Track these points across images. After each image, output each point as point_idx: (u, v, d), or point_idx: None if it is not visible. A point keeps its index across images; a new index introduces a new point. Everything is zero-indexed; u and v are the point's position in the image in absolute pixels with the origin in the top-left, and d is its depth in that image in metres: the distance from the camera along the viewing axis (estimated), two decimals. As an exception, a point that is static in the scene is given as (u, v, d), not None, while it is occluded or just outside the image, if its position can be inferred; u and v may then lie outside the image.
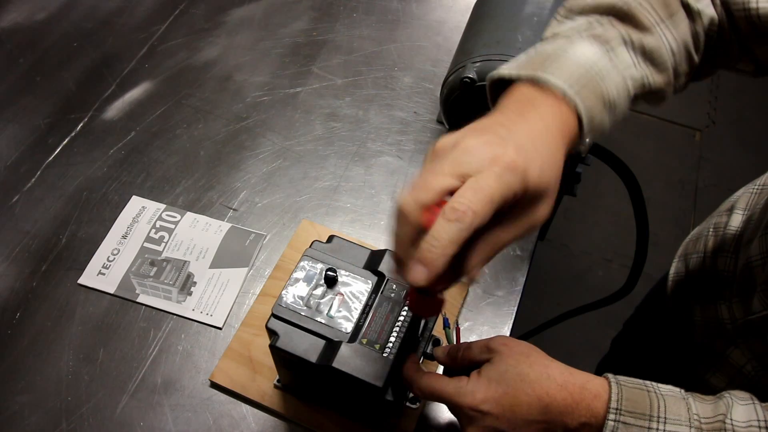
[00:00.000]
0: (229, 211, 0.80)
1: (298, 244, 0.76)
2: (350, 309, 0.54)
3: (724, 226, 0.78)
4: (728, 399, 0.47)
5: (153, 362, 0.68)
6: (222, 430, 0.64)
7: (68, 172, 0.83)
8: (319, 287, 0.55)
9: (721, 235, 0.78)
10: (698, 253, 0.83)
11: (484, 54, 0.73)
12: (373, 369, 0.50)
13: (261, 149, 0.87)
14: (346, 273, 0.56)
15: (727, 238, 0.76)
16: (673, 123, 0.62)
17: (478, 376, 0.49)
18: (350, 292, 0.55)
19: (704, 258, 0.82)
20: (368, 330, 0.53)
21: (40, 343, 0.69)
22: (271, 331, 0.53)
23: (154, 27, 1.01)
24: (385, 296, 0.55)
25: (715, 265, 0.77)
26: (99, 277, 0.74)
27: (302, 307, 0.54)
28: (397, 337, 0.52)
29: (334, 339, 0.52)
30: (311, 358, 0.52)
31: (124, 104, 0.91)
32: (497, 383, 0.47)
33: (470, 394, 0.47)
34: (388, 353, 0.51)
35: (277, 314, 0.54)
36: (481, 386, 0.48)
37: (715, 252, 0.79)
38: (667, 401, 0.47)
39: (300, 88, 0.94)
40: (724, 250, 0.76)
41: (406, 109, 0.92)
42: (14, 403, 0.65)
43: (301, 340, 0.53)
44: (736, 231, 0.75)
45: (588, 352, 1.37)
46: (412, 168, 0.85)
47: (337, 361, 0.50)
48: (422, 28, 1.02)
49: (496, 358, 0.49)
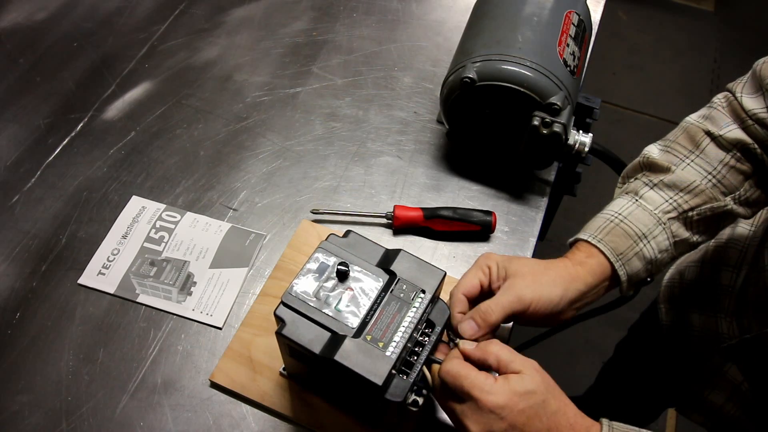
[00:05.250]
0: (229, 211, 0.80)
1: (298, 244, 0.76)
2: (358, 305, 0.54)
3: (726, 238, 0.78)
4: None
5: (153, 362, 0.68)
6: (222, 430, 0.64)
7: (68, 172, 0.83)
8: (330, 280, 0.56)
9: (723, 247, 0.78)
10: (695, 264, 0.83)
11: (484, 54, 0.73)
12: (374, 366, 0.50)
13: (261, 149, 0.87)
14: (358, 269, 0.56)
15: (730, 251, 0.77)
16: (673, 123, 0.63)
17: (506, 381, 0.49)
18: (360, 288, 0.55)
19: (702, 268, 0.82)
20: (374, 327, 0.53)
21: (40, 343, 0.69)
22: (278, 318, 0.54)
23: (154, 27, 1.01)
24: (394, 295, 0.55)
25: (717, 279, 0.77)
26: (99, 277, 0.74)
27: (311, 297, 0.54)
28: (401, 338, 0.52)
29: (339, 332, 0.53)
30: (315, 348, 0.52)
31: (124, 104, 0.91)
32: (521, 398, 0.49)
33: (494, 394, 0.48)
34: (391, 352, 0.51)
35: (286, 302, 0.54)
36: (507, 393, 0.49)
37: (715, 265, 0.79)
38: None
39: (300, 88, 0.94)
40: (729, 264, 0.76)
41: (406, 109, 0.91)
42: (14, 403, 0.65)
43: (307, 330, 0.53)
44: (743, 245, 0.76)
45: (588, 352, 1.37)
46: (412, 168, 0.85)
47: (340, 355, 0.51)
48: (422, 28, 1.02)
49: (528, 374, 0.50)
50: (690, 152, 0.63)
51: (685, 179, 0.62)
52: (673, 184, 0.62)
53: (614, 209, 0.63)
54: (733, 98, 0.63)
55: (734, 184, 0.62)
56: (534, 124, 0.72)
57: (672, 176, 0.62)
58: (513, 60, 0.71)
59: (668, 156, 0.64)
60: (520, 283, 0.57)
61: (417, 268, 0.57)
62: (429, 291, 0.55)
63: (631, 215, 0.61)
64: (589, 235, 0.62)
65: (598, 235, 0.61)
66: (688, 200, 0.62)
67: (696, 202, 0.62)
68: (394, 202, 0.81)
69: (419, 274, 0.56)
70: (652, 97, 2.26)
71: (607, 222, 0.62)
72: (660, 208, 0.62)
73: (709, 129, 0.62)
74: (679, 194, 0.62)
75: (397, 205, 0.78)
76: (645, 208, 0.62)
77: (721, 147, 0.62)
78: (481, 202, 0.82)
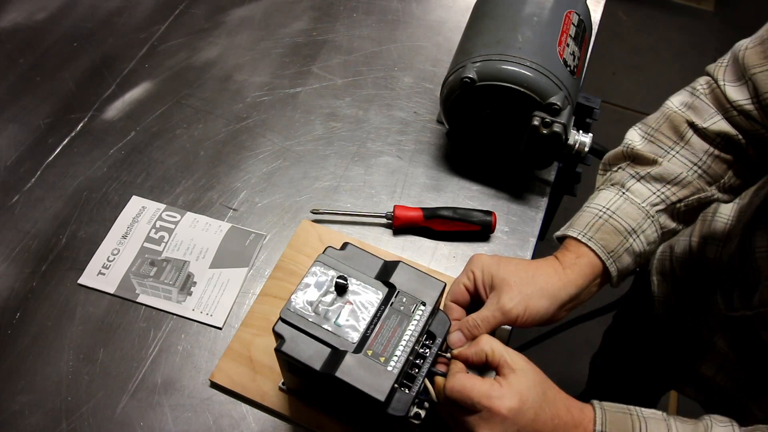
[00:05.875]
0: (229, 211, 0.80)
1: (298, 244, 0.76)
2: (358, 319, 0.53)
3: (713, 212, 0.79)
4: (707, 421, 0.51)
5: (153, 362, 0.68)
6: (222, 430, 0.64)
7: (68, 172, 0.83)
8: (329, 294, 0.54)
9: (709, 221, 0.79)
10: (685, 237, 0.85)
11: (484, 54, 0.73)
12: (376, 382, 0.49)
13: (261, 149, 0.87)
14: (357, 282, 0.55)
15: (716, 225, 0.78)
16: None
17: (509, 383, 0.50)
18: (360, 302, 0.54)
19: (690, 242, 0.83)
20: (374, 342, 0.52)
21: (40, 343, 0.69)
22: (277, 335, 0.53)
23: (154, 27, 1.01)
24: (394, 309, 0.54)
25: (704, 252, 0.78)
26: (99, 277, 0.74)
27: (310, 313, 0.53)
28: (402, 352, 0.52)
29: (340, 348, 0.52)
30: (315, 365, 0.51)
31: (124, 104, 0.91)
32: (526, 397, 0.50)
33: (504, 398, 0.49)
34: (393, 367, 0.51)
35: (284, 318, 0.53)
36: (515, 394, 0.49)
37: (703, 238, 0.80)
38: (649, 423, 0.51)
39: (300, 88, 0.94)
40: (715, 238, 0.77)
41: (406, 109, 0.91)
42: (14, 403, 0.65)
43: (307, 346, 0.52)
44: (728, 219, 0.77)
45: (588, 353, 1.37)
46: (412, 168, 0.85)
47: (341, 371, 0.50)
48: (422, 28, 1.02)
49: (522, 372, 0.51)
50: (675, 143, 0.63)
51: (672, 171, 0.61)
52: (660, 176, 0.62)
53: (601, 203, 0.62)
54: (715, 86, 0.62)
55: (719, 173, 0.62)
56: (534, 124, 0.72)
57: (659, 169, 0.62)
58: (513, 60, 0.71)
59: (652, 147, 0.63)
60: (505, 296, 0.56)
61: (416, 279, 0.56)
62: (429, 303, 0.55)
63: (619, 210, 0.61)
64: (579, 233, 0.61)
65: (588, 233, 0.61)
66: (676, 192, 0.62)
67: (684, 193, 0.62)
68: (394, 202, 0.81)
69: (419, 285, 0.55)
70: (652, 98, 2.25)
71: (596, 218, 0.61)
72: (648, 201, 0.61)
73: (693, 120, 0.62)
74: (666, 186, 0.62)
75: (397, 205, 0.78)
76: (633, 202, 0.61)
77: (705, 138, 0.62)
78: (481, 202, 0.82)
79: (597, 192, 0.65)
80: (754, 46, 0.59)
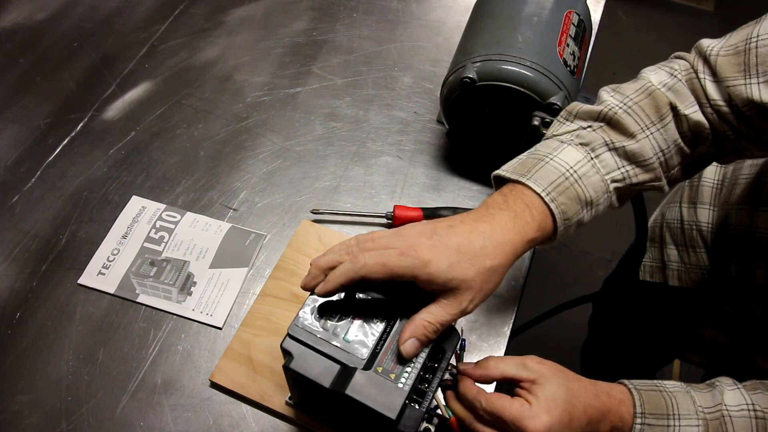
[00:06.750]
0: (229, 211, 0.80)
1: (298, 244, 0.76)
2: (367, 334, 0.52)
3: (698, 177, 0.82)
4: (720, 386, 0.53)
5: (153, 362, 0.68)
6: (222, 430, 0.64)
7: (68, 172, 0.83)
8: (338, 309, 0.54)
9: (697, 186, 0.82)
10: (675, 204, 0.86)
11: (484, 54, 0.73)
12: (387, 399, 0.49)
13: (261, 149, 0.87)
14: (364, 296, 0.54)
15: (704, 189, 0.81)
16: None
17: (536, 398, 0.49)
18: (368, 317, 0.53)
19: (680, 207, 0.85)
20: (384, 358, 0.51)
21: (40, 343, 0.69)
22: (285, 351, 0.52)
23: (154, 27, 1.01)
24: (404, 323, 0.53)
25: (694, 217, 0.81)
26: (99, 277, 0.74)
27: (319, 329, 0.52)
28: (413, 368, 0.51)
29: (350, 365, 0.51)
30: (324, 382, 0.50)
31: (124, 104, 0.91)
32: (555, 404, 0.49)
33: (536, 417, 0.48)
34: (403, 384, 0.50)
35: (293, 335, 0.52)
36: (545, 409, 0.49)
37: (692, 202, 0.82)
38: (677, 398, 0.52)
39: (300, 88, 0.94)
40: (704, 203, 0.80)
41: (406, 109, 0.91)
42: (14, 403, 0.65)
43: (316, 363, 0.51)
44: (715, 183, 0.79)
45: (569, 337, 1.38)
46: (412, 168, 0.85)
47: (351, 389, 0.49)
48: (422, 28, 1.02)
49: (542, 379, 0.50)
50: (652, 123, 0.58)
51: (643, 152, 0.58)
52: (632, 154, 0.58)
53: (568, 161, 0.56)
54: (695, 76, 0.59)
55: (674, 164, 0.60)
56: (534, 124, 0.72)
57: (634, 145, 0.57)
58: (513, 60, 0.71)
59: (631, 119, 0.58)
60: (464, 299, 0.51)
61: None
62: None
63: (585, 177, 0.56)
64: (543, 190, 0.54)
65: (552, 192, 0.54)
66: (638, 174, 0.58)
67: (643, 178, 0.59)
68: (394, 202, 0.81)
69: None
70: (652, 97, 2.26)
71: (562, 178, 0.55)
72: (611, 175, 0.57)
73: (675, 104, 0.58)
74: (632, 166, 0.58)
75: (397, 205, 0.78)
76: (599, 171, 0.57)
77: (679, 126, 0.59)
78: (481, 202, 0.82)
79: (560, 144, 0.58)
80: (727, 55, 0.56)
